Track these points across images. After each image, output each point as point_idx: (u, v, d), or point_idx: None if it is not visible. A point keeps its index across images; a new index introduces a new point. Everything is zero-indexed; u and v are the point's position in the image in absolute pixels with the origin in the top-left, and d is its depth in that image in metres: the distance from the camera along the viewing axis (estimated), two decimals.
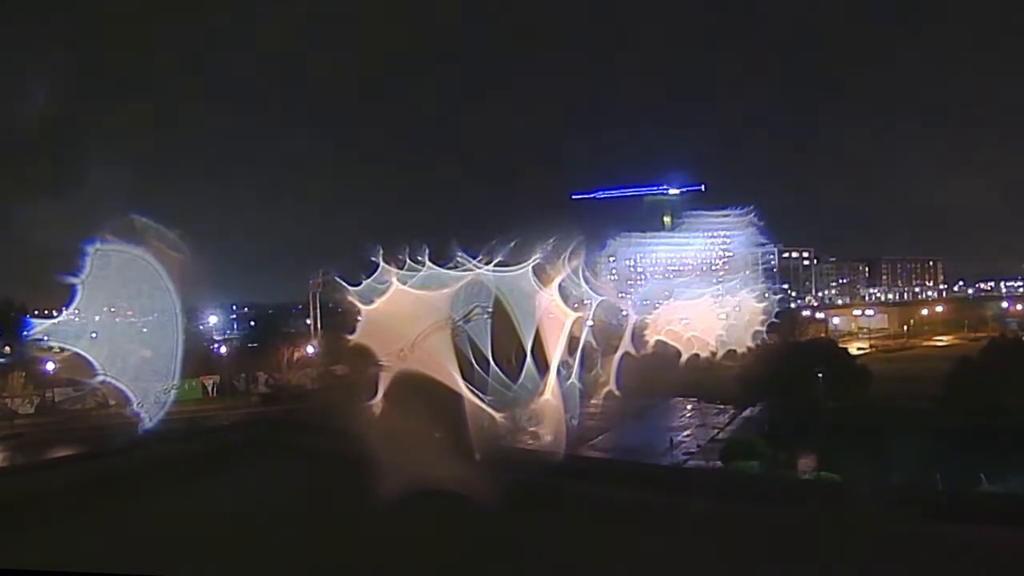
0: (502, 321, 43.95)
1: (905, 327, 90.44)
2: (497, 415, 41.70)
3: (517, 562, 24.00)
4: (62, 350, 49.36)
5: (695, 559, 24.22)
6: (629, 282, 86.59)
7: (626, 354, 55.25)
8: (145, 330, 50.39)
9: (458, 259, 44.36)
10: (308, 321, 78.13)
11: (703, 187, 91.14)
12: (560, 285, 44.24)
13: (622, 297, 70.84)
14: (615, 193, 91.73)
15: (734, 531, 25.85)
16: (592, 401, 51.90)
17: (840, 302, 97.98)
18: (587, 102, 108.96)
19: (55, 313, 48.47)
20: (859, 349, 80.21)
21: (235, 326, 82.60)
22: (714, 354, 68.85)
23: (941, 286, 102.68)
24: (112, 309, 49.58)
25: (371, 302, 43.57)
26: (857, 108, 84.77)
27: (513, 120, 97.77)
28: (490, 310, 43.93)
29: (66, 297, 47.76)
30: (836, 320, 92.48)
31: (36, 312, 48.74)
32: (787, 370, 53.45)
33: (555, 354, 43.35)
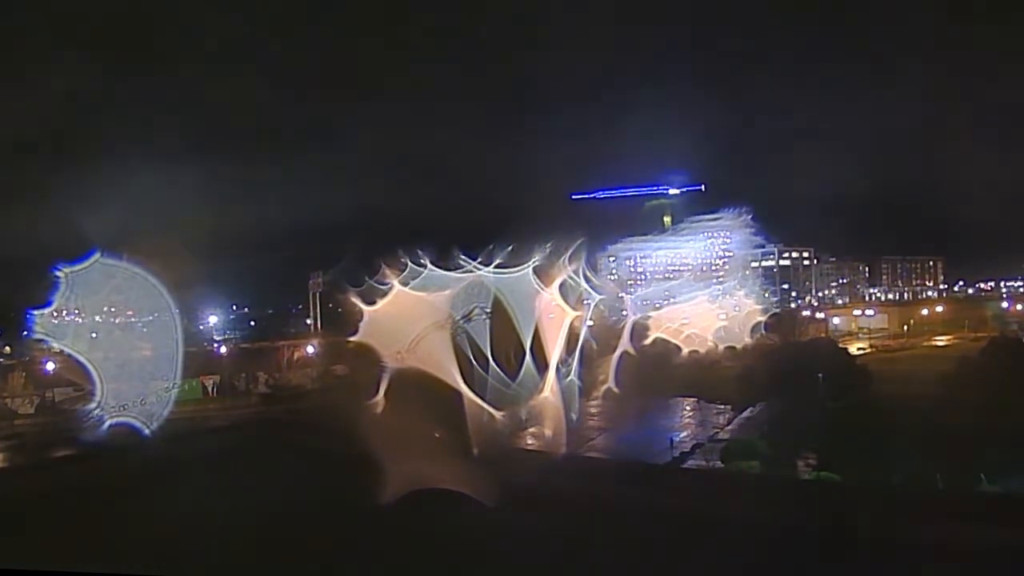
0: (502, 321, 44.10)
1: (905, 327, 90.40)
2: (497, 413, 41.83)
3: (517, 562, 24.01)
4: (62, 350, 49.47)
5: (695, 559, 24.26)
6: (629, 282, 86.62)
7: (625, 353, 55.43)
8: (145, 330, 50.53)
9: (459, 261, 44.59)
10: (308, 321, 78.17)
11: (703, 187, 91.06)
12: (560, 285, 44.43)
13: (622, 297, 70.94)
14: (615, 193, 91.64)
15: (734, 531, 25.87)
16: (591, 400, 52.01)
17: (840, 302, 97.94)
18: (587, 102, 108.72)
19: (55, 313, 48.52)
20: (859, 349, 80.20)
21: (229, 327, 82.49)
22: (711, 351, 69.16)
23: (941, 286, 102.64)
24: (112, 309, 49.72)
25: (373, 303, 43.78)
26: (857, 107, 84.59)
27: (513, 120, 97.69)
28: (488, 310, 44.10)
29: (66, 298, 47.88)
30: (836, 320, 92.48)
31: (36, 312, 48.70)
32: (787, 370, 53.39)
33: (554, 353, 43.52)
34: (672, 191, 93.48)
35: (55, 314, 48.53)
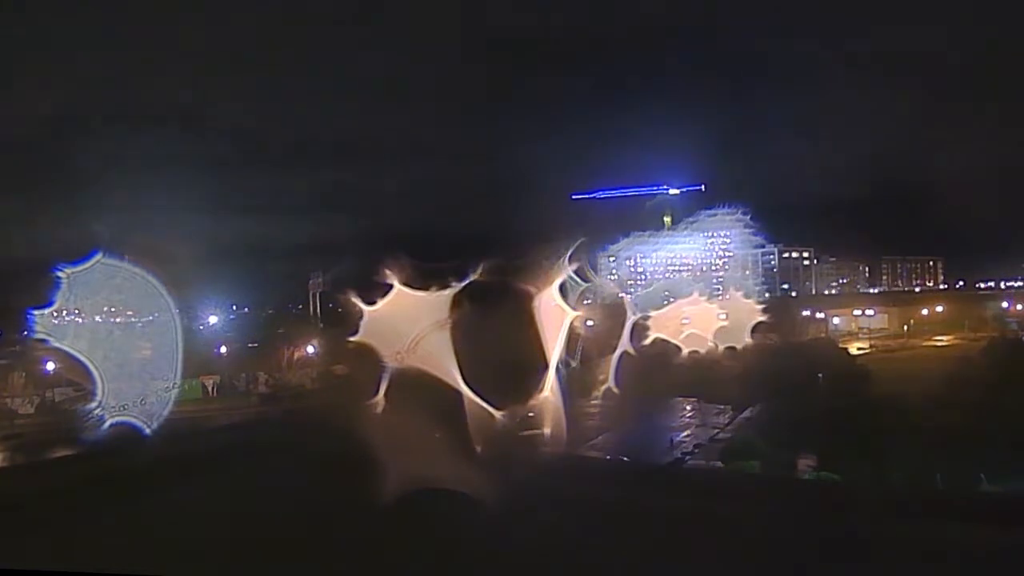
0: (503, 322, 44.14)
1: (905, 327, 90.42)
2: (497, 413, 41.86)
3: (517, 562, 24.00)
4: (62, 350, 49.47)
5: (695, 559, 24.23)
6: (629, 282, 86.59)
7: (625, 353, 55.51)
8: (145, 330, 50.56)
9: (460, 260, 44.65)
10: (309, 321, 78.16)
11: (703, 187, 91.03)
12: (560, 285, 44.47)
13: (622, 297, 70.88)
14: (616, 193, 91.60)
15: (734, 531, 25.87)
16: (591, 400, 52.08)
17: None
18: (587, 102, 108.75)
19: (55, 313, 48.53)
20: (859, 349, 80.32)
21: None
22: (711, 351, 69.27)
23: (941, 286, 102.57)
24: (112, 309, 49.74)
25: (373, 303, 43.84)
26: (857, 107, 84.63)
27: (512, 120, 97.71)
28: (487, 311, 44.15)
29: (66, 298, 47.90)
30: (836, 320, 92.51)
31: (36, 312, 48.72)
32: (787, 370, 53.49)
33: (554, 353, 43.56)
34: (672, 191, 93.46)
35: (55, 314, 48.53)
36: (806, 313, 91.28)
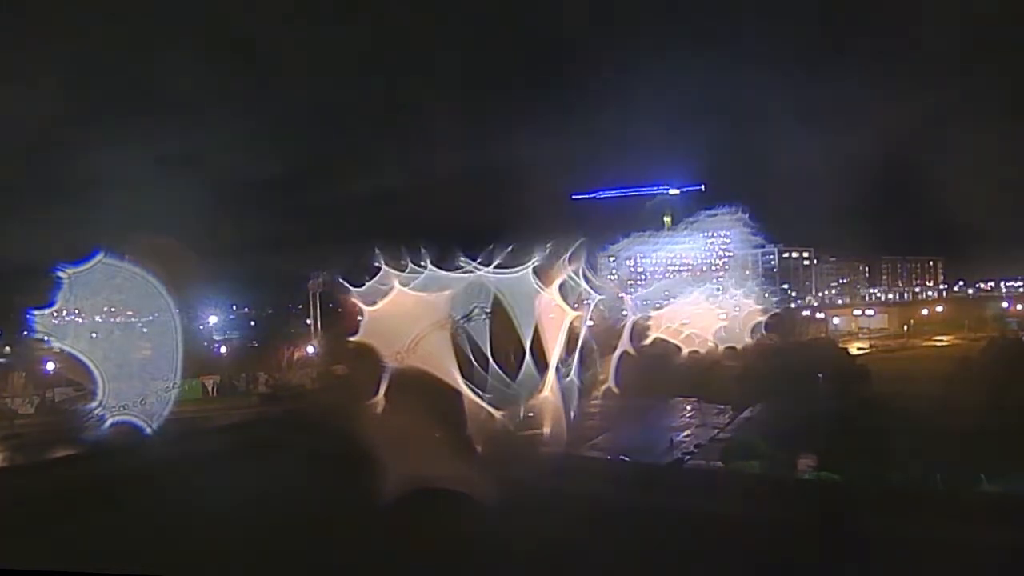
0: (502, 321, 44.13)
1: (905, 327, 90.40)
2: (497, 413, 41.87)
3: (517, 562, 24.02)
4: (62, 350, 49.47)
5: (695, 559, 24.26)
6: (629, 282, 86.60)
7: (625, 353, 55.45)
8: (145, 330, 50.55)
9: (459, 261, 44.68)
10: (308, 321, 78.12)
11: (703, 187, 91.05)
12: (560, 285, 44.48)
13: (622, 297, 70.95)
14: (615, 193, 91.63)
15: (734, 531, 25.88)
16: (591, 400, 52.01)
17: (840, 302, 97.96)
18: (588, 102, 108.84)
19: (55, 313, 48.53)
20: (859, 349, 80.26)
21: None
22: (712, 351, 69.26)
23: (941, 286, 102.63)
24: (112, 310, 49.74)
25: (374, 303, 43.85)
26: (858, 107, 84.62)
27: (513, 120, 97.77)
28: (488, 310, 44.14)
29: (66, 298, 47.92)
30: (836, 320, 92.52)
31: (36, 312, 48.72)
32: (787, 370, 53.43)
33: (554, 353, 43.56)
34: (672, 191, 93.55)
35: (55, 314, 48.52)
36: (806, 313, 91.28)
